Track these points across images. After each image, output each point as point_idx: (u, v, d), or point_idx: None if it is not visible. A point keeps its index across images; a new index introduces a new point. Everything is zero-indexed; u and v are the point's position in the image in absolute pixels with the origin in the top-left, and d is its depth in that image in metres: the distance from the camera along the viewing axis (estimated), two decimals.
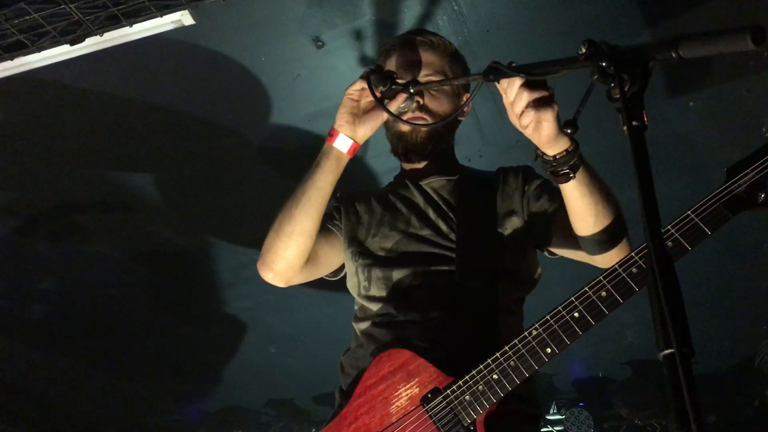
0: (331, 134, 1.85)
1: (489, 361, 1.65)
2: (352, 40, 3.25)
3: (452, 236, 1.93)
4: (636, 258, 1.61)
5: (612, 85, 1.08)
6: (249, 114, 3.73)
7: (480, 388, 1.64)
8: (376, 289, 1.94)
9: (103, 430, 7.01)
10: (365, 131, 1.84)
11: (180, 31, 3.08)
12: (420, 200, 2.04)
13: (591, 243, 1.73)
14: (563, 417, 6.48)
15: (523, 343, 1.64)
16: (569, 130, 1.23)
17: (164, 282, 5.16)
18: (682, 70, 3.39)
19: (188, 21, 3.04)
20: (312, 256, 1.95)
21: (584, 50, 1.14)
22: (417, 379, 1.71)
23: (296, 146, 3.87)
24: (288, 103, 3.63)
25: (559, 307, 1.63)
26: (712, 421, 5.93)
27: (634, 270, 1.59)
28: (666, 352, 0.88)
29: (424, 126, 1.97)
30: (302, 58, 3.35)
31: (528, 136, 1.54)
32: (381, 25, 3.18)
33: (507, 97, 1.50)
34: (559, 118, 1.50)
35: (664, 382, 0.88)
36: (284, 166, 4.06)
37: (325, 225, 2.05)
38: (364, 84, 1.79)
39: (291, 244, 1.87)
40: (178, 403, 6.94)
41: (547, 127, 1.49)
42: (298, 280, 1.98)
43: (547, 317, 1.63)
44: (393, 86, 1.74)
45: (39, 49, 3.07)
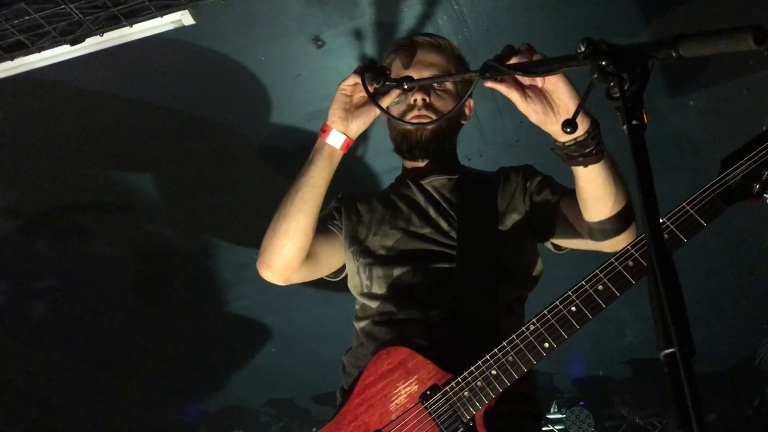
0: (324, 130, 1.85)
1: (487, 356, 1.66)
2: (352, 39, 3.25)
3: (453, 234, 1.93)
4: (632, 251, 1.61)
5: (611, 84, 1.08)
6: (249, 114, 3.73)
7: (479, 384, 1.65)
8: (377, 287, 1.94)
9: (102, 429, 7.01)
10: (358, 126, 1.84)
11: (180, 31, 3.08)
12: (421, 199, 2.04)
13: (603, 229, 1.71)
14: (564, 416, 6.48)
15: (521, 338, 1.65)
16: (568, 129, 1.23)
17: (164, 282, 5.17)
18: (682, 68, 3.39)
19: (188, 21, 3.04)
20: (312, 255, 1.95)
21: (583, 49, 1.14)
22: (416, 377, 1.71)
23: (296, 146, 3.87)
24: (288, 103, 3.63)
25: (556, 302, 1.64)
26: (713, 420, 5.93)
27: (630, 263, 1.60)
28: (667, 351, 0.88)
29: (421, 125, 1.97)
30: (302, 57, 3.35)
31: (555, 121, 1.49)
32: (381, 24, 3.19)
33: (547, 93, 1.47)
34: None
35: (665, 381, 0.88)
36: (284, 165, 4.06)
37: (326, 225, 2.06)
38: (357, 79, 1.78)
39: (287, 242, 1.87)
40: (179, 403, 6.94)
41: (576, 97, 1.46)
42: (298, 278, 1.99)
43: (545, 312, 1.64)
44: (387, 82, 1.73)
45: (39, 50, 3.07)
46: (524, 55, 1.43)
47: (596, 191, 1.63)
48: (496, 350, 1.66)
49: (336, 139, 1.83)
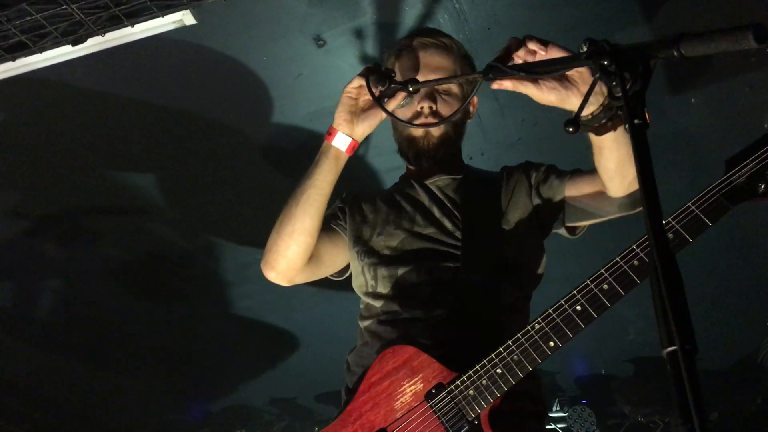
0: (330, 133, 1.85)
1: (492, 355, 1.67)
2: (354, 38, 3.25)
3: (457, 234, 1.94)
4: (637, 250, 1.62)
5: (614, 83, 1.09)
6: (251, 113, 3.73)
7: (484, 382, 1.65)
8: (381, 287, 1.95)
9: (106, 429, 7.02)
10: (364, 129, 1.84)
11: (181, 30, 3.08)
12: (425, 199, 2.04)
13: (631, 201, 1.73)
14: (566, 414, 6.48)
15: (526, 337, 1.65)
16: (571, 129, 1.23)
17: (167, 282, 5.17)
18: (684, 66, 3.39)
19: (190, 21, 3.04)
20: (315, 255, 1.96)
21: (586, 49, 1.14)
22: (421, 375, 1.72)
23: (298, 145, 3.88)
24: (289, 102, 3.63)
25: (562, 301, 1.64)
26: (715, 418, 5.92)
27: (635, 262, 1.61)
28: (669, 349, 0.89)
29: (427, 126, 1.97)
30: (303, 57, 3.35)
31: (575, 97, 1.47)
32: (382, 23, 3.19)
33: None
34: None
35: (667, 379, 0.89)
36: (286, 165, 4.06)
37: (330, 225, 2.07)
38: (362, 81, 1.78)
39: (292, 243, 1.88)
40: (182, 403, 6.95)
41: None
42: (301, 279, 1.99)
43: (550, 311, 1.65)
44: (392, 85, 1.73)
45: (41, 50, 3.08)
46: (531, 47, 1.44)
47: (617, 160, 1.62)
48: (501, 349, 1.67)
49: (341, 142, 1.83)
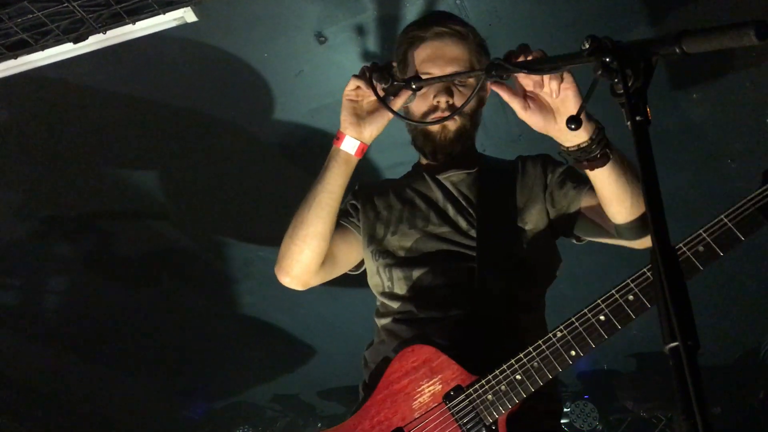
0: (338, 137, 1.83)
1: (513, 361, 1.65)
2: (355, 35, 3.25)
3: (472, 233, 1.91)
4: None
5: (616, 80, 1.09)
6: (252, 110, 3.74)
7: (503, 388, 1.64)
8: (398, 288, 1.94)
9: (108, 427, 7.04)
10: (372, 131, 1.81)
11: (183, 28, 3.08)
12: (439, 196, 2.01)
13: (630, 228, 1.69)
14: (568, 410, 6.48)
15: (548, 344, 1.63)
16: (573, 126, 1.23)
17: (169, 279, 5.18)
18: (685, 61, 3.38)
19: (191, 18, 3.04)
20: (329, 256, 1.95)
21: (587, 46, 1.14)
22: (440, 376, 1.71)
23: (299, 142, 3.88)
24: (291, 99, 3.63)
25: (585, 310, 1.61)
26: (717, 413, 5.93)
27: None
28: (671, 345, 0.89)
29: (437, 122, 1.94)
30: (305, 53, 3.35)
31: (556, 127, 1.50)
32: (383, 20, 3.18)
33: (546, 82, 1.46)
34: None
35: (670, 375, 0.89)
36: (287, 161, 4.06)
37: (342, 223, 2.05)
38: (358, 83, 1.76)
39: (305, 248, 1.88)
40: (184, 400, 6.96)
41: (579, 102, 1.46)
42: (317, 281, 1.99)
43: (573, 319, 1.61)
44: (395, 83, 1.71)
45: (42, 48, 3.08)
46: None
47: (609, 193, 1.62)
48: (521, 355, 1.64)
49: (350, 146, 1.81)
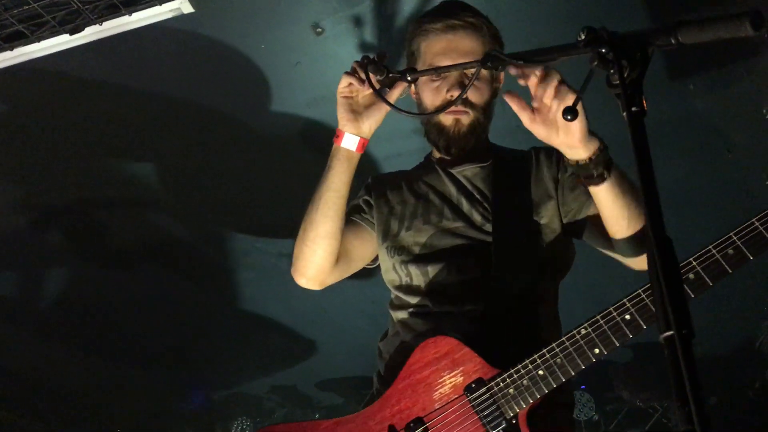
0: (337, 135, 1.83)
1: (536, 356, 1.66)
2: (352, 26, 3.24)
3: (486, 227, 1.91)
4: (695, 264, 1.58)
5: (611, 71, 1.09)
6: (249, 101, 3.73)
7: (525, 382, 1.64)
8: (414, 282, 1.94)
9: (108, 418, 7.05)
10: (370, 125, 1.82)
11: (179, 19, 3.07)
12: (453, 190, 2.00)
13: (626, 245, 1.70)
14: None
15: (572, 341, 1.63)
16: (569, 116, 1.23)
17: (167, 270, 5.18)
18: (682, 52, 3.38)
19: (187, 9, 3.03)
20: (343, 253, 1.96)
21: (583, 37, 1.14)
22: (462, 368, 1.71)
23: (296, 133, 3.87)
24: (288, 90, 3.63)
25: (611, 308, 1.62)
26: (713, 403, 5.96)
27: (691, 276, 1.58)
28: (666, 334, 0.90)
29: (435, 113, 1.92)
30: (302, 45, 3.34)
31: (558, 141, 1.52)
32: (380, 11, 3.18)
33: (540, 97, 1.47)
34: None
35: (665, 364, 0.90)
36: (284, 153, 4.06)
37: (355, 220, 2.05)
38: (350, 79, 1.76)
39: (317, 248, 1.89)
40: (182, 391, 6.98)
41: (581, 120, 1.47)
42: (333, 279, 2.00)
43: (598, 317, 1.62)
44: (390, 74, 1.71)
45: (38, 39, 3.07)
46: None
47: (606, 210, 1.65)
48: (545, 351, 1.65)
49: (350, 142, 1.81)
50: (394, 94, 1.77)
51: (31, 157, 3.95)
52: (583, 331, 1.63)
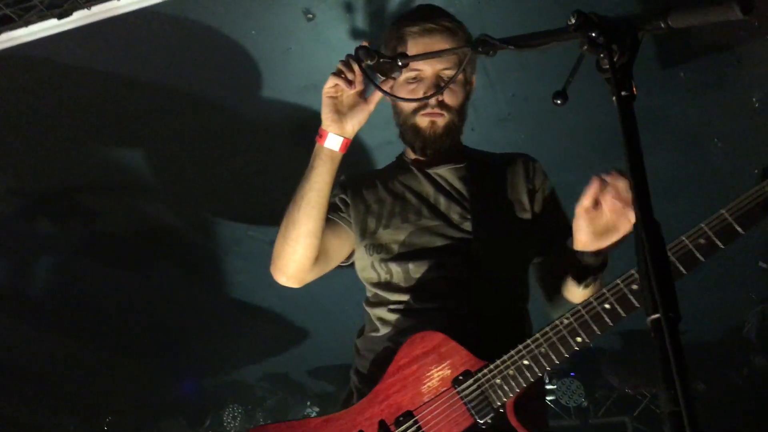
0: (321, 135, 1.85)
1: (520, 347, 1.71)
2: (343, 12, 3.22)
3: (464, 226, 1.96)
4: (669, 254, 1.61)
5: (601, 55, 1.09)
6: (239, 88, 3.71)
7: (511, 372, 1.69)
8: (395, 280, 1.98)
9: (99, 406, 7.06)
10: (353, 125, 1.85)
11: (169, 4, 3.05)
12: (429, 190, 2.05)
13: (556, 306, 1.91)
14: (555, 387, 6.57)
15: (555, 331, 1.68)
16: (559, 101, 1.24)
17: (159, 258, 5.17)
18: (673, 40, 3.39)
19: None
20: (322, 252, 1.98)
21: (574, 21, 1.14)
22: (449, 361, 1.76)
23: (287, 120, 3.86)
24: (279, 77, 3.61)
25: (591, 299, 1.67)
26: (702, 389, 6.02)
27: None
28: (653, 317, 0.90)
29: (422, 99, 1.96)
30: (293, 31, 3.32)
31: (589, 231, 1.67)
32: None
33: (615, 195, 1.61)
34: None
35: (654, 352, 0.90)
36: (275, 139, 4.05)
37: (332, 218, 2.06)
38: (337, 80, 1.79)
39: (299, 247, 1.91)
40: (174, 379, 6.99)
41: (626, 226, 1.64)
42: (312, 277, 2.03)
43: (579, 307, 1.68)
44: (381, 60, 1.71)
45: (26, 24, 3.04)
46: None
47: (576, 296, 1.81)
48: (529, 341, 1.70)
49: (333, 142, 1.83)
50: (376, 96, 1.82)
51: (19, 144, 3.93)
52: (565, 321, 1.68)
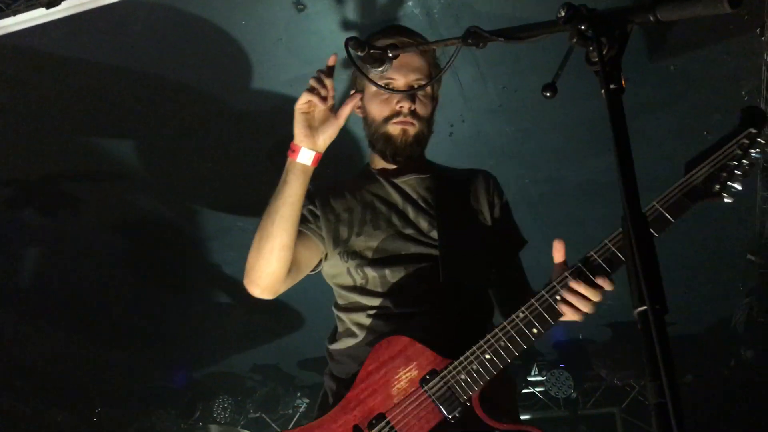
0: (293, 149, 1.89)
1: (481, 342, 1.81)
2: (334, 3, 3.21)
3: (433, 234, 2.06)
4: (609, 245, 1.79)
5: (591, 48, 1.09)
6: (229, 78, 3.69)
7: (474, 367, 1.79)
8: (371, 285, 2.04)
9: (88, 397, 7.04)
10: (325, 140, 1.89)
11: None
12: (398, 199, 2.13)
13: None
14: (544, 378, 6.61)
15: (512, 325, 1.80)
16: (548, 93, 1.24)
17: (147, 249, 5.15)
18: (663, 33, 3.40)
19: None
20: (293, 263, 2.02)
21: (563, 14, 1.14)
22: (415, 363, 1.85)
23: (277, 111, 3.84)
24: (269, 68, 3.60)
25: (543, 292, 1.80)
26: (689, 381, 6.06)
27: (608, 256, 1.78)
28: (640, 309, 0.91)
29: (405, 92, 2.05)
30: (283, 21, 3.31)
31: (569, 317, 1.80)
32: None
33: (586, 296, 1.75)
34: None
35: (641, 341, 0.91)
36: (265, 131, 4.04)
37: (302, 230, 2.10)
38: (310, 97, 1.84)
39: (273, 259, 1.95)
40: (165, 370, 6.97)
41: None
42: (284, 288, 2.07)
43: (533, 301, 1.80)
44: (371, 51, 1.74)
45: (14, 13, 3.01)
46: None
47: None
48: (489, 336, 1.81)
49: (306, 157, 1.88)
50: (345, 110, 1.89)
51: (6, 134, 3.89)
52: (521, 315, 1.80)
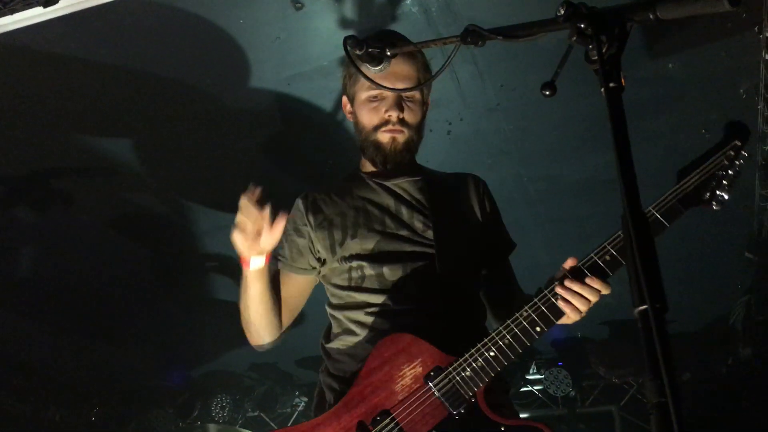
0: (243, 261, 1.98)
1: (486, 340, 1.86)
2: (332, 1, 3.21)
3: (428, 234, 2.10)
4: (608, 248, 1.86)
5: (590, 46, 1.09)
6: (227, 77, 3.69)
7: (479, 364, 1.83)
8: (368, 283, 2.08)
9: (86, 396, 7.03)
10: (269, 244, 1.94)
11: None
12: (390, 202, 2.17)
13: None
14: (542, 376, 6.62)
15: (516, 323, 1.85)
16: (547, 92, 1.24)
17: (143, 247, 5.15)
18: (662, 31, 3.40)
19: None
20: (286, 310, 2.21)
21: (563, 12, 1.14)
22: (420, 359, 1.88)
23: (275, 109, 3.85)
24: (267, 66, 3.59)
25: (545, 291, 1.85)
26: (687, 379, 6.07)
27: (607, 257, 1.85)
28: (640, 308, 0.91)
29: (403, 91, 2.08)
30: (281, 20, 3.30)
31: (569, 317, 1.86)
32: None
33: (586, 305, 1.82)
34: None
35: (640, 342, 0.91)
36: (263, 129, 4.03)
37: (284, 272, 2.21)
38: (240, 216, 1.88)
39: (263, 333, 2.15)
40: (162, 368, 6.97)
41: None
42: (287, 330, 2.25)
43: (536, 300, 1.85)
44: (369, 50, 1.74)
45: (11, 11, 3.00)
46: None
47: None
48: (493, 334, 1.86)
49: (256, 263, 1.97)
50: (280, 225, 1.92)
51: (2, 131, 3.89)
52: (525, 314, 1.85)
